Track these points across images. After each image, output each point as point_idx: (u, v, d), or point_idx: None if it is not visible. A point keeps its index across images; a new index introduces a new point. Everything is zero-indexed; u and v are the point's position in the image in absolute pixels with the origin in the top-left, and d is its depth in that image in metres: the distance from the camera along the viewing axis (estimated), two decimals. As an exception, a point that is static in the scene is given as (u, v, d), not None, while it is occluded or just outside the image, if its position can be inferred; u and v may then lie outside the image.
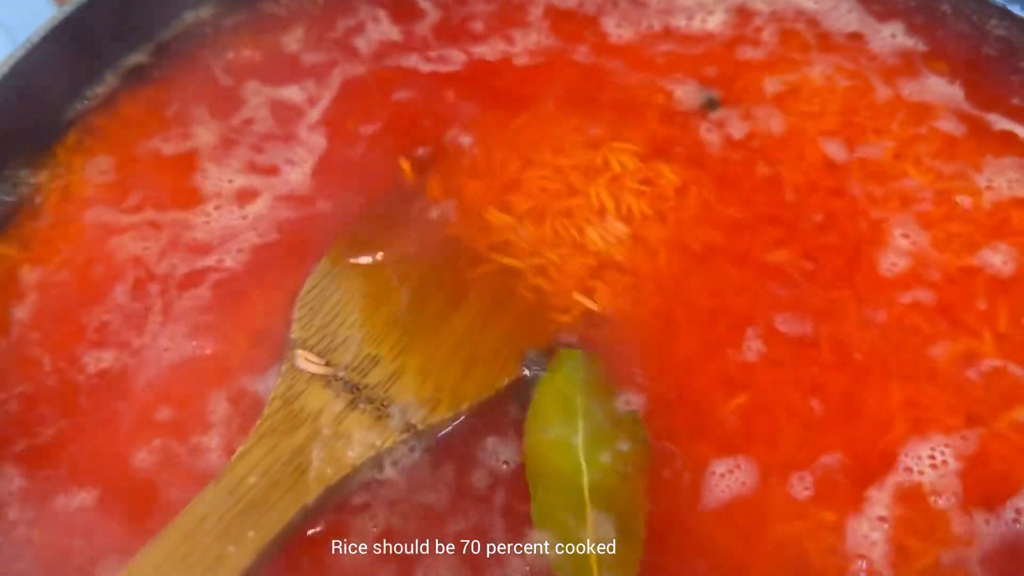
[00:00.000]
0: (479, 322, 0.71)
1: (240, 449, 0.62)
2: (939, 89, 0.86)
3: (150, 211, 0.80)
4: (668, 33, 0.92)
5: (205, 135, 0.85)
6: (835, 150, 0.81)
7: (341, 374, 0.67)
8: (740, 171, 0.80)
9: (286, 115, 0.87)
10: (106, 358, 0.71)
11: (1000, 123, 0.83)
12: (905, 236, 0.75)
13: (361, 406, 0.65)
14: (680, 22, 0.92)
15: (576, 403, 0.65)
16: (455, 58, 0.91)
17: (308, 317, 0.70)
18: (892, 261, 0.74)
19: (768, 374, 0.68)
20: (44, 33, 0.82)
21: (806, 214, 0.77)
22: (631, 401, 0.67)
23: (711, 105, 0.84)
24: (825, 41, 0.90)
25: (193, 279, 0.75)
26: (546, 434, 0.64)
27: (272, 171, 0.82)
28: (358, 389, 0.66)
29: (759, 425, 0.66)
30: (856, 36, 0.91)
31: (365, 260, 0.74)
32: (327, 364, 0.67)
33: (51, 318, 0.74)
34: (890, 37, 0.90)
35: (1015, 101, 0.85)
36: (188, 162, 0.83)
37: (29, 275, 0.76)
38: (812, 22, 0.92)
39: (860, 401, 0.67)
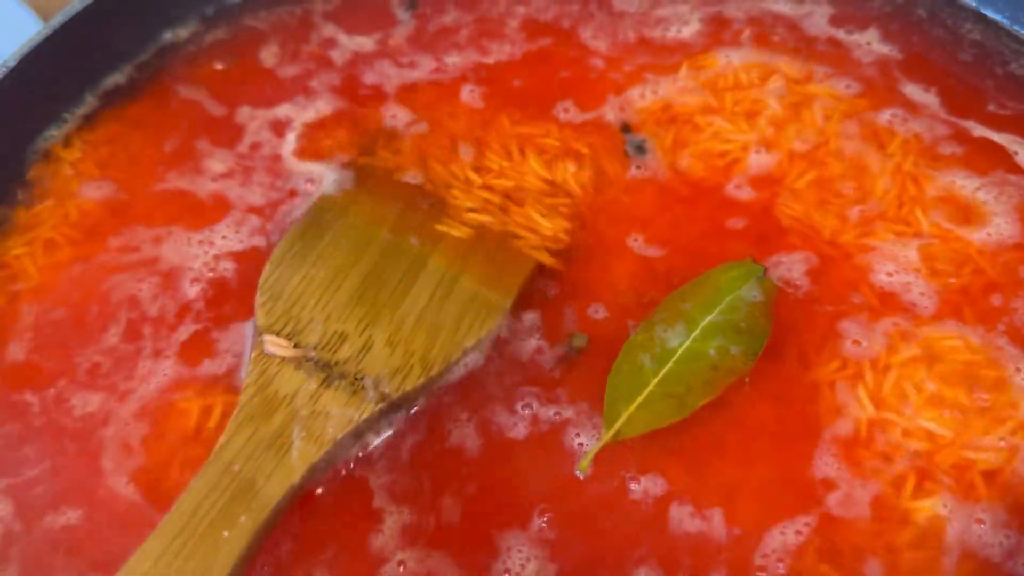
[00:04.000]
0: (440, 292, 0.73)
1: (220, 440, 0.63)
2: (916, 98, 0.86)
3: (140, 243, 0.80)
4: (643, 43, 0.92)
5: (192, 162, 0.85)
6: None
7: (311, 354, 0.68)
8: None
9: (278, 131, 0.87)
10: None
11: (977, 130, 0.83)
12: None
13: (335, 383, 0.67)
14: (655, 32, 0.93)
15: (723, 298, 0.70)
16: (428, 65, 0.92)
17: (271, 303, 0.71)
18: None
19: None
20: (20, 56, 0.82)
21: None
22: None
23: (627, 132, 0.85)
24: (801, 50, 0.90)
25: (182, 313, 0.75)
26: (683, 303, 0.71)
27: (265, 192, 0.83)
28: (330, 367, 0.68)
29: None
30: (832, 43, 0.91)
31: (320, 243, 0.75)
32: (295, 346, 0.69)
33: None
34: (865, 45, 0.90)
35: (991, 107, 0.85)
36: (178, 188, 0.84)
37: (27, 313, 0.76)
38: (791, 27, 0.92)
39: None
